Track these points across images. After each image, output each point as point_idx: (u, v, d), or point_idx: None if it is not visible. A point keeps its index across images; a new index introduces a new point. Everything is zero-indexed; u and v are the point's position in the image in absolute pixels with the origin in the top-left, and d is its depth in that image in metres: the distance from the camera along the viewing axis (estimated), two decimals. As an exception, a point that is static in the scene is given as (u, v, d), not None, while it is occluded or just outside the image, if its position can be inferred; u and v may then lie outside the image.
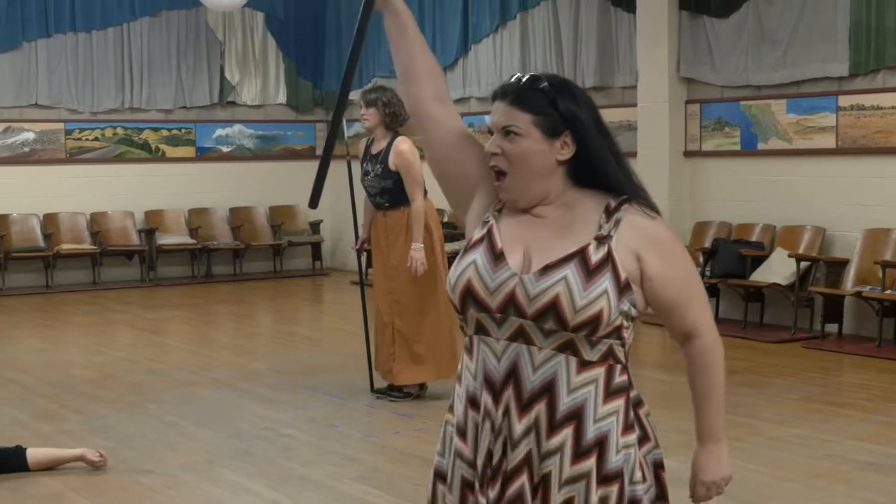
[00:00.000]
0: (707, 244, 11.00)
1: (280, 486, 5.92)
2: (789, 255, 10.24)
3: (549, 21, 13.01)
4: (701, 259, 10.85)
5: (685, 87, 11.57)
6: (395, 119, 7.61)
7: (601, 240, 2.55)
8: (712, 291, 10.90)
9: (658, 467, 2.66)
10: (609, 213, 2.59)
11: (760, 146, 11.07)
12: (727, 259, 10.65)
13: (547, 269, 2.53)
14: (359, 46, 2.95)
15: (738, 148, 11.26)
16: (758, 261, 10.60)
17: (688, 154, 11.60)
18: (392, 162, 7.55)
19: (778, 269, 10.34)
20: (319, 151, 16.39)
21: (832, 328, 10.09)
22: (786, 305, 10.47)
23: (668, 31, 11.41)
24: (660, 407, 4.66)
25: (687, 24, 11.41)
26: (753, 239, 10.93)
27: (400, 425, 7.12)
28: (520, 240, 2.60)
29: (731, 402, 7.76)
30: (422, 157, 6.57)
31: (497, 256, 2.59)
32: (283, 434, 7.01)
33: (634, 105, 11.91)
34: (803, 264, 10.19)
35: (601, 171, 2.61)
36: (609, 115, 12.45)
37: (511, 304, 2.54)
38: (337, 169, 11.86)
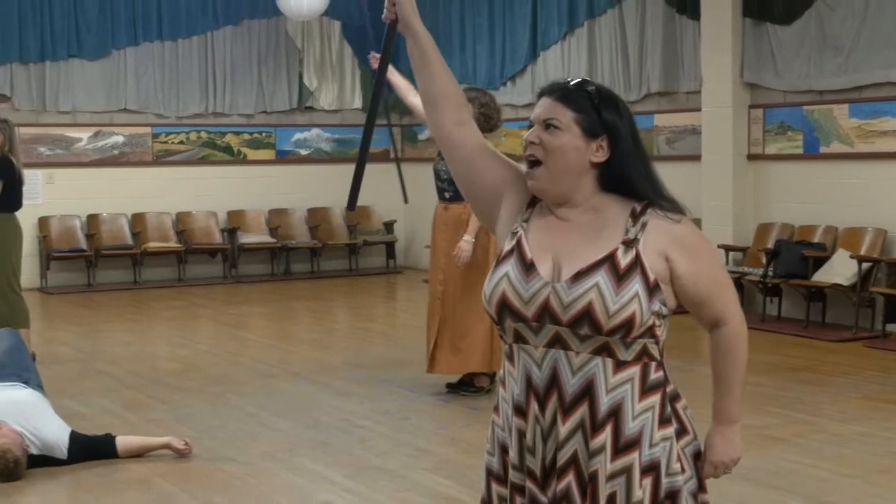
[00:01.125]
0: (770, 245, 10.87)
1: (356, 475, 5.94)
2: (851, 256, 10.09)
3: (616, 28, 12.94)
4: (764, 259, 10.73)
5: (748, 93, 11.44)
6: (487, 120, 7.57)
7: (629, 244, 2.55)
8: (775, 291, 10.79)
9: (697, 458, 2.66)
10: (635, 216, 2.59)
11: (822, 150, 10.92)
12: (790, 260, 10.53)
13: (578, 276, 2.53)
14: (384, 67, 2.96)
15: (800, 151, 11.12)
16: (820, 262, 10.46)
17: (751, 157, 11.47)
18: None
19: (840, 270, 10.20)
20: (393, 154, 16.43)
21: (893, 328, 9.92)
22: (847, 305, 10.32)
23: (732, 37, 11.29)
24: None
25: (750, 30, 11.29)
26: (816, 240, 10.78)
27: (471, 418, 7.11)
28: (548, 248, 2.61)
29: (791, 399, 7.75)
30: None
31: (528, 267, 2.59)
32: (359, 425, 7.03)
33: (699, 110, 11.81)
34: (865, 265, 10.03)
35: (630, 179, 2.62)
36: (674, 120, 12.39)
37: (546, 313, 2.55)
38: (408, 171, 11.91)
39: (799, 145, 11.12)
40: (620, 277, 2.51)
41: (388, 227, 16.23)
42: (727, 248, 11.29)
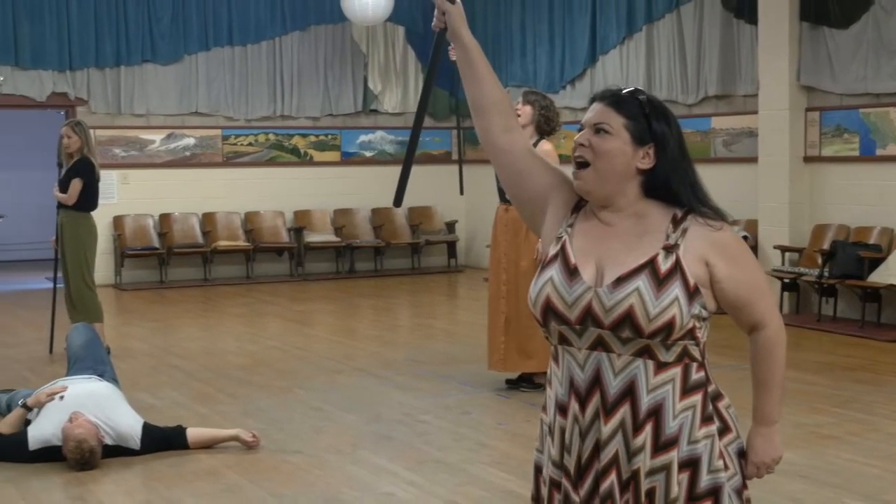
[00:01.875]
0: (826, 246, 10.74)
1: (417, 468, 5.95)
2: (906, 258, 9.97)
3: (674, 33, 12.86)
4: (819, 260, 10.61)
5: (805, 96, 11.31)
6: (547, 122, 7.56)
7: (669, 249, 2.56)
8: (831, 292, 10.65)
9: (741, 456, 2.65)
10: (676, 223, 2.60)
11: (879, 152, 10.77)
12: (845, 261, 10.40)
13: (619, 281, 2.54)
14: (432, 74, 2.97)
15: (856, 154, 10.97)
16: (875, 262, 10.31)
17: (807, 159, 11.34)
18: None
19: (895, 271, 10.06)
20: (455, 156, 16.46)
21: (949, 328, 9.78)
22: (903, 306, 10.19)
23: (789, 41, 11.17)
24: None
25: (807, 34, 11.17)
26: (871, 241, 10.64)
27: (530, 414, 7.09)
28: (592, 254, 2.62)
29: (846, 398, 7.64)
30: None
31: (572, 272, 2.60)
32: (421, 420, 7.05)
33: (755, 112, 11.70)
34: (920, 266, 9.90)
35: (674, 189, 2.62)
36: (731, 123, 12.28)
37: (589, 316, 2.57)
38: (470, 172, 11.88)
39: (855, 148, 10.98)
40: (660, 282, 2.52)
41: (450, 227, 16.25)
42: (783, 249, 11.18)
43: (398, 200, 3.01)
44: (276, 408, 7.42)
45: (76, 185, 9.12)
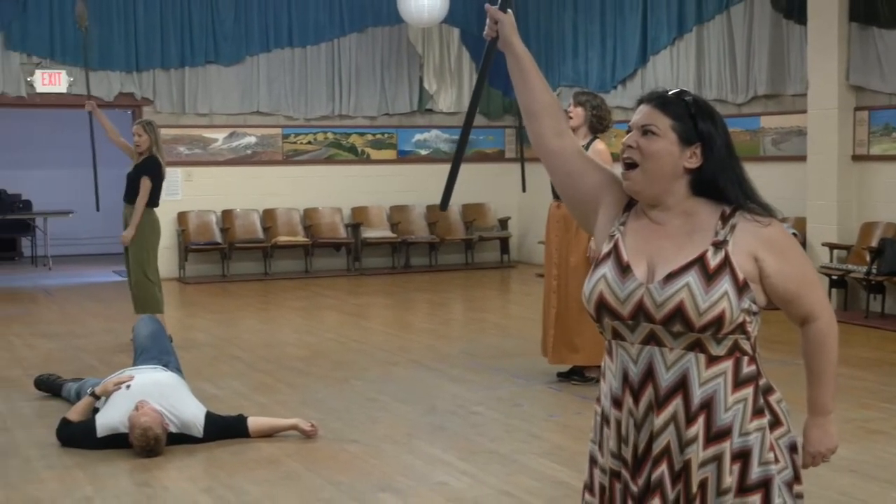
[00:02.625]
0: (874, 243, 10.60)
1: (470, 458, 5.95)
2: (955, 255, 9.81)
3: (724, 33, 12.76)
4: (868, 257, 10.48)
5: (854, 95, 11.17)
6: (599, 122, 7.55)
7: (718, 245, 2.56)
8: (878, 289, 10.52)
9: (792, 450, 2.63)
10: (724, 219, 2.59)
11: (927, 151, 10.63)
12: (893, 258, 10.26)
13: (670, 277, 2.55)
14: (482, 81, 3.00)
15: (905, 152, 10.83)
16: (923, 260, 10.18)
17: (856, 158, 11.19)
18: None
19: (943, 268, 9.92)
20: (509, 155, 16.44)
21: None
22: (951, 303, 10.04)
23: (838, 41, 11.03)
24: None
25: (856, 35, 11.02)
26: (919, 239, 10.50)
27: (581, 407, 7.07)
28: (643, 252, 2.62)
29: (893, 394, 7.56)
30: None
31: (624, 269, 2.62)
32: (474, 411, 7.04)
33: (805, 112, 11.57)
34: (969, 264, 9.74)
35: (721, 187, 2.62)
36: (780, 122, 12.15)
37: (641, 312, 2.58)
38: (526, 172, 11.81)
39: (904, 146, 10.84)
40: (710, 277, 2.52)
41: (503, 223, 16.23)
42: (831, 246, 11.05)
43: (444, 204, 3.07)
44: (333, 398, 7.44)
45: (145, 183, 9.21)
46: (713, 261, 2.54)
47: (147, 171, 9.24)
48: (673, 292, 2.53)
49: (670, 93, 2.67)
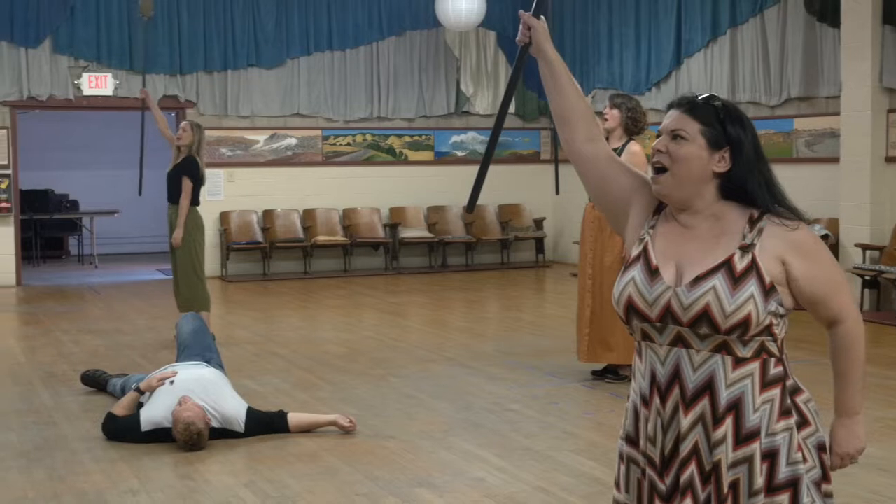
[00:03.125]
0: (906, 244, 10.53)
1: (506, 455, 5.95)
2: None
3: (757, 36, 12.69)
4: (900, 258, 10.40)
5: (887, 97, 11.07)
6: (634, 124, 7.52)
7: (745, 248, 2.56)
8: (911, 289, 10.44)
9: (821, 449, 2.62)
10: (752, 223, 2.59)
11: (961, 152, 10.52)
12: (926, 259, 10.18)
13: (697, 280, 2.55)
14: (513, 86, 3.00)
15: (938, 154, 10.73)
16: (956, 261, 10.08)
17: (889, 160, 11.10)
18: (624, 159, 7.46)
19: (976, 269, 9.82)
20: (544, 156, 16.42)
21: None
22: (984, 303, 9.93)
23: (872, 44, 10.94)
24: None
25: (890, 37, 10.93)
26: (952, 240, 10.40)
27: (615, 404, 7.06)
28: (672, 255, 2.63)
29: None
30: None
31: (653, 272, 2.62)
32: (509, 409, 7.04)
33: (838, 114, 11.48)
34: None
35: (750, 190, 2.61)
36: (813, 124, 12.07)
37: (668, 314, 2.58)
38: (559, 172, 11.79)
39: (937, 148, 10.73)
40: (736, 280, 2.52)
41: (538, 223, 16.21)
42: (864, 247, 10.97)
43: (471, 206, 3.05)
44: (371, 395, 7.46)
45: (187, 183, 9.29)
46: (740, 264, 2.54)
47: (187, 172, 9.30)
48: (699, 295, 2.53)
49: (700, 98, 2.66)
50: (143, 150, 10.84)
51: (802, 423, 2.59)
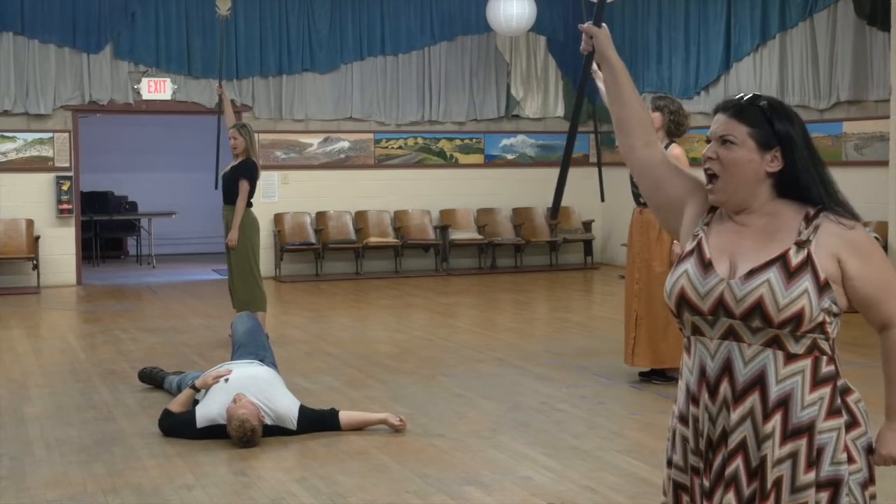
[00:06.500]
0: (956, 248, 10.36)
1: (553, 454, 5.93)
2: None
3: (807, 40, 12.56)
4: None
5: (937, 101, 10.92)
6: (677, 127, 7.45)
7: (801, 244, 2.52)
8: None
9: (869, 451, 2.58)
10: (808, 220, 2.55)
11: None
12: (976, 262, 10.00)
13: (752, 273, 2.52)
14: (582, 95, 3.03)
15: None
16: None
17: (939, 163, 10.94)
18: None
19: None
20: (593, 159, 16.33)
21: None
22: None
23: (922, 48, 10.79)
24: None
25: (941, 41, 10.77)
26: None
27: (663, 405, 7.00)
28: (726, 250, 2.60)
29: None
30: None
31: (706, 265, 2.59)
32: (557, 408, 7.01)
33: (887, 117, 11.32)
34: None
35: (804, 186, 2.57)
36: (862, 127, 11.92)
37: (721, 307, 2.54)
38: (607, 175, 11.75)
39: None
40: (791, 274, 2.49)
41: (587, 226, 16.16)
42: (914, 251, 10.81)
43: (554, 212, 3.10)
44: (421, 394, 7.47)
45: (244, 185, 9.35)
46: (795, 259, 2.50)
47: (244, 174, 9.36)
48: (754, 287, 2.50)
49: (745, 99, 2.63)
50: (220, 148, 10.88)
51: (852, 423, 2.55)
